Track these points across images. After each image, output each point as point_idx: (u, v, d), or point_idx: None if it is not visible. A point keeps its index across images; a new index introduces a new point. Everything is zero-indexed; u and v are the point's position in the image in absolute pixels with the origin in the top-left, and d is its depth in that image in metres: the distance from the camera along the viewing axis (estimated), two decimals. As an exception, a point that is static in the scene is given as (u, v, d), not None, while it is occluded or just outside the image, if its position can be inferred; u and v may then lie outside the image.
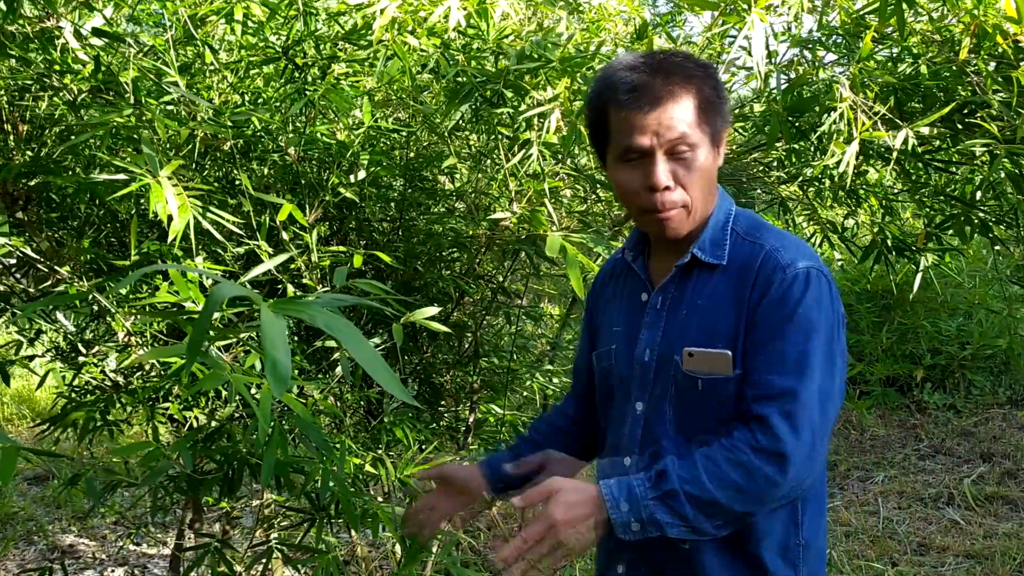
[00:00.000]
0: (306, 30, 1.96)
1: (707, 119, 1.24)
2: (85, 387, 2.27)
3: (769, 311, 1.21)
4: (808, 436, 1.15)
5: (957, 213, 2.19)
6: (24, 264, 2.34)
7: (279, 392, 0.80)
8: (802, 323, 1.19)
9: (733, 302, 1.25)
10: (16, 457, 1.36)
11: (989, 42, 1.79)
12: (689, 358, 1.25)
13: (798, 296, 1.20)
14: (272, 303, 0.91)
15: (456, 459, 2.36)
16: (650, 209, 1.25)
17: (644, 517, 1.14)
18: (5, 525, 4.01)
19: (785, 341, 1.19)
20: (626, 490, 1.15)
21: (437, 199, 2.65)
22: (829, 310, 1.22)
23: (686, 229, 1.28)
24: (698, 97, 1.23)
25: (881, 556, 3.67)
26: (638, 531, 1.14)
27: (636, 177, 1.25)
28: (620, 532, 1.14)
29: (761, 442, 1.15)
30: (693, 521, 1.14)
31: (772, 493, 1.16)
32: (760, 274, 1.23)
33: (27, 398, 5.85)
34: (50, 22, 1.93)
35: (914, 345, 5.72)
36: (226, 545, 2.12)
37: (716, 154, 1.28)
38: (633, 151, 1.23)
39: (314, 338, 2.30)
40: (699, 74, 1.24)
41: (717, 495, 1.14)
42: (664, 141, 1.21)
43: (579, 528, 1.14)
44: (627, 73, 1.23)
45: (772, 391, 1.17)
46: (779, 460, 1.14)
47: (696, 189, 1.25)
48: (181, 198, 1.68)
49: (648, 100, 1.21)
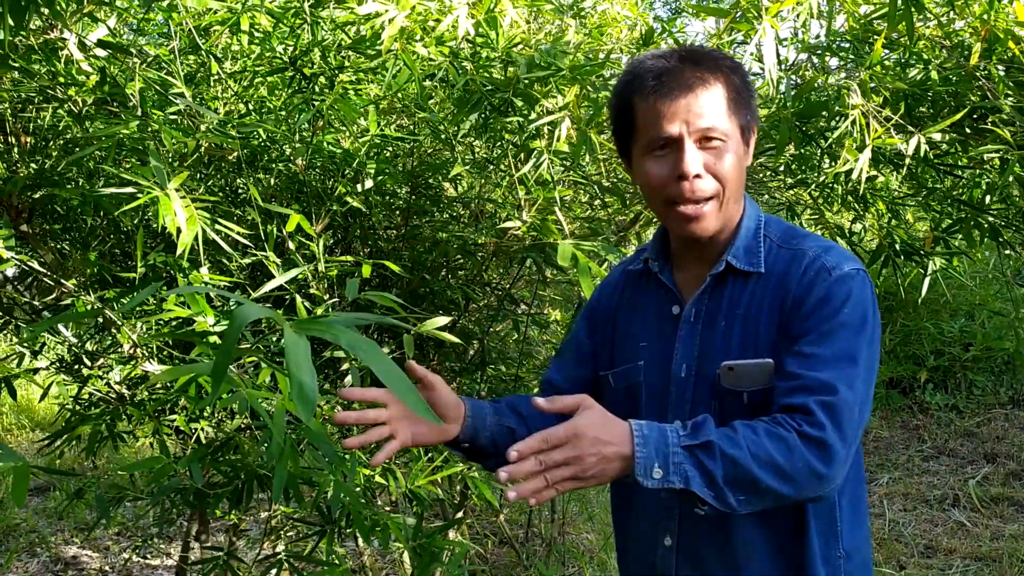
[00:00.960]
0: (313, 40, 1.95)
1: (736, 111, 1.20)
2: (90, 399, 2.25)
3: (814, 308, 1.17)
4: (848, 431, 1.11)
5: (965, 217, 2.18)
6: (28, 276, 2.32)
7: (307, 416, 0.79)
8: (847, 322, 1.16)
9: (775, 310, 1.21)
10: (28, 475, 1.34)
11: (1000, 47, 1.78)
12: (729, 372, 1.20)
13: (844, 296, 1.17)
14: (295, 324, 0.90)
15: (464, 468, 2.35)
16: (678, 200, 1.20)
17: (671, 463, 1.05)
18: (7, 537, 3.99)
19: (830, 338, 1.15)
20: (656, 431, 1.07)
21: (442, 207, 2.63)
22: (871, 314, 1.19)
23: (714, 226, 1.23)
24: (728, 87, 1.20)
25: (888, 559, 3.66)
26: (659, 478, 1.05)
27: (664, 167, 1.20)
28: (639, 473, 1.05)
29: (805, 429, 1.09)
30: (720, 482, 1.06)
31: (811, 482, 1.09)
32: (803, 277, 1.20)
33: (27, 408, 5.82)
34: (54, 33, 1.92)
35: (917, 346, 5.72)
36: (233, 557, 2.10)
37: (746, 150, 1.24)
38: (661, 139, 1.19)
39: (322, 349, 2.29)
40: (728, 64, 1.21)
41: (752, 464, 1.06)
42: (694, 128, 1.17)
43: (602, 450, 1.03)
44: (654, 62, 1.20)
45: (815, 384, 1.12)
46: (823, 449, 1.08)
47: (728, 180, 1.20)
48: (189, 210, 1.67)
49: (677, 86, 1.17)
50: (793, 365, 1.15)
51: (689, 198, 1.19)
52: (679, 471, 1.05)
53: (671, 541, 1.28)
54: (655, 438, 1.06)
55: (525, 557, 3.58)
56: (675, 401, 1.28)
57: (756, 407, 1.18)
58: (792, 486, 1.08)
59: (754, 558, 1.23)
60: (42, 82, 1.91)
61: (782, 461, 1.07)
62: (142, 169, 1.67)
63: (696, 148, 1.18)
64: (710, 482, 1.06)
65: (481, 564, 3.58)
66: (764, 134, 2.21)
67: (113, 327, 2.04)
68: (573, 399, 1.09)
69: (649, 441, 1.06)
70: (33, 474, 1.36)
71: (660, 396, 1.29)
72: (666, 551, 1.29)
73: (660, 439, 1.06)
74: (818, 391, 1.11)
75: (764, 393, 1.19)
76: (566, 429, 1.03)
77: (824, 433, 1.08)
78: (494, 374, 2.72)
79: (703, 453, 1.06)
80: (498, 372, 2.74)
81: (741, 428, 1.10)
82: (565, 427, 1.04)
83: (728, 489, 1.06)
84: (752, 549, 1.23)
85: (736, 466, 1.06)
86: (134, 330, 2.00)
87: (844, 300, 1.17)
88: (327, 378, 2.30)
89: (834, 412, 1.10)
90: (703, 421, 1.10)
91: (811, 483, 1.09)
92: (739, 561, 1.24)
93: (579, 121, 1.88)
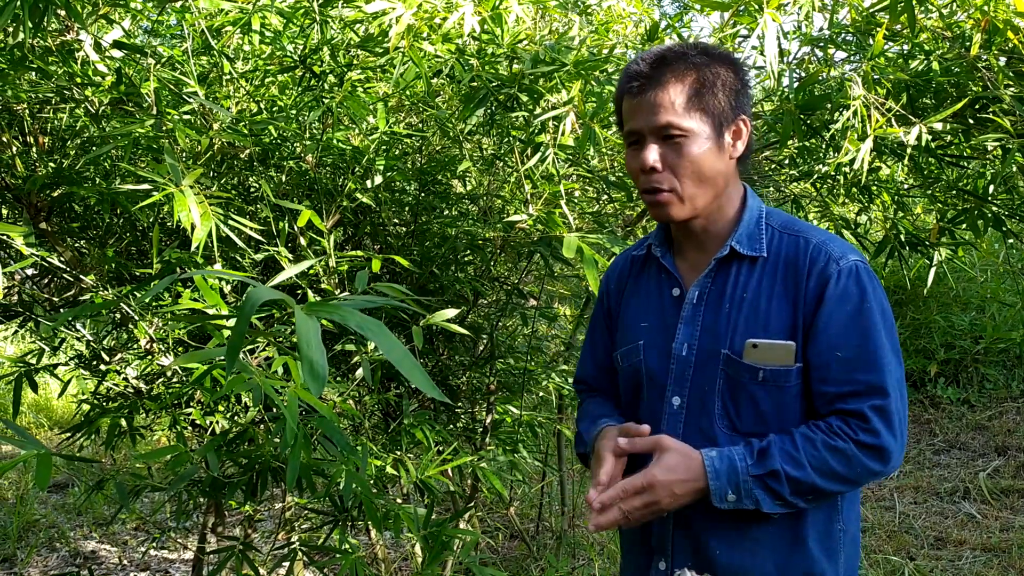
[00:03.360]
0: (322, 38, 1.99)
1: (702, 106, 1.25)
2: (108, 394, 2.30)
3: (835, 307, 1.24)
4: (899, 428, 1.22)
5: (970, 207, 2.20)
6: (46, 273, 2.38)
7: (317, 391, 0.83)
8: (871, 318, 1.24)
9: (785, 295, 1.27)
10: (51, 462, 1.39)
11: (1000, 37, 1.80)
12: (752, 349, 1.26)
13: (860, 291, 1.24)
14: (305, 306, 0.93)
15: (474, 460, 2.38)
16: (643, 190, 1.30)
17: (743, 491, 1.20)
18: (27, 532, 4.05)
19: (860, 337, 1.23)
20: (727, 462, 1.21)
21: (451, 203, 2.67)
22: (884, 303, 1.27)
23: (678, 215, 1.30)
24: (694, 84, 1.25)
25: (898, 551, 3.67)
26: (733, 502, 1.20)
27: (635, 160, 1.30)
28: (715, 501, 1.20)
29: (862, 437, 1.20)
30: (789, 498, 1.20)
31: (869, 479, 1.23)
32: (813, 267, 1.26)
33: (44, 407, 5.90)
34: (70, 35, 1.97)
35: (927, 340, 5.71)
36: (249, 547, 2.15)
37: (721, 144, 1.28)
38: (631, 135, 1.30)
39: (333, 342, 2.33)
40: (699, 62, 1.26)
41: (815, 477, 1.19)
42: (652, 125, 1.26)
43: (674, 490, 1.20)
44: (634, 64, 1.30)
45: (860, 387, 1.22)
46: (880, 454, 1.21)
47: (686, 175, 1.27)
48: (203, 206, 1.71)
49: (639, 86, 1.27)
50: (838, 369, 1.23)
51: (647, 189, 1.29)
52: (750, 496, 1.20)
53: (668, 512, 1.31)
54: (726, 470, 1.21)
55: (535, 550, 3.62)
56: (675, 379, 1.33)
57: (769, 384, 1.26)
58: (853, 486, 1.25)
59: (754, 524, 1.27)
60: (59, 83, 1.96)
61: (843, 471, 1.21)
62: (158, 167, 1.71)
63: (656, 144, 1.27)
64: (778, 499, 1.21)
65: (492, 556, 3.62)
66: (768, 127, 2.23)
67: (130, 323, 2.09)
68: (647, 443, 1.24)
69: (721, 474, 1.21)
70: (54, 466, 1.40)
71: (659, 374, 1.35)
72: (662, 520, 1.33)
73: (731, 471, 1.21)
74: (868, 394, 1.22)
75: (780, 373, 1.25)
76: (644, 480, 1.20)
77: (880, 440, 1.21)
78: (503, 367, 2.75)
79: (771, 480, 1.20)
80: (507, 366, 2.77)
81: (801, 443, 1.21)
82: (643, 479, 1.20)
83: (794, 499, 1.21)
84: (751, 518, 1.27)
85: (801, 484, 1.20)
86: (151, 325, 2.05)
87: (863, 296, 1.24)
88: (339, 371, 2.34)
89: (887, 415, 1.21)
90: (767, 447, 1.21)
91: (869, 479, 1.24)
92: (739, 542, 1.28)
93: (583, 116, 1.91)
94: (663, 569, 1.33)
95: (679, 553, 1.31)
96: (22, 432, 1.34)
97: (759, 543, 1.27)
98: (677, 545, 1.32)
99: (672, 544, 1.32)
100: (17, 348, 5.56)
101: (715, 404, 1.29)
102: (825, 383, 1.24)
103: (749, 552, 1.27)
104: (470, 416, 2.82)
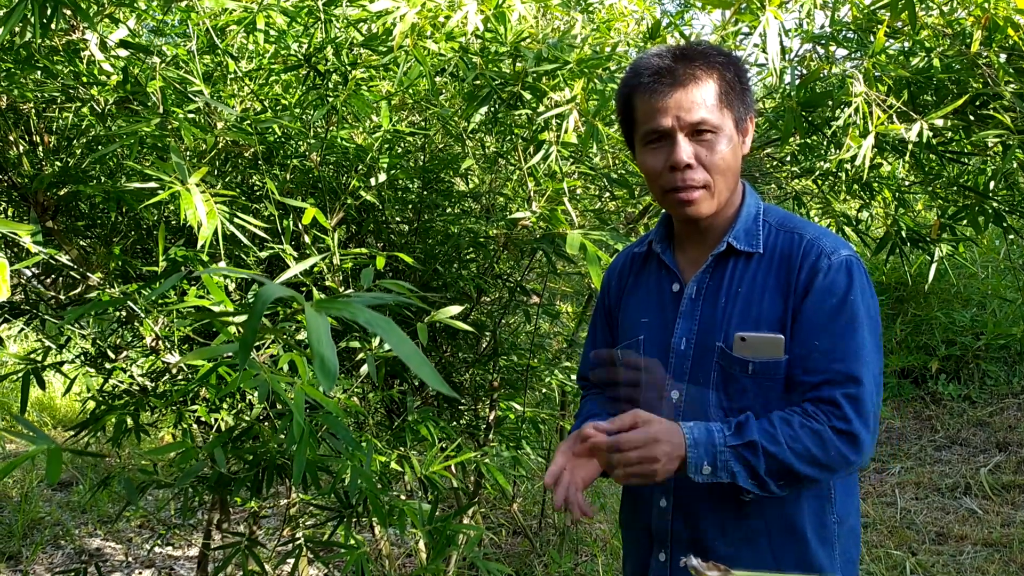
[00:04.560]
0: (327, 37, 2.00)
1: (729, 104, 1.29)
2: (113, 392, 2.32)
3: (821, 298, 1.25)
4: (872, 420, 1.22)
5: (970, 204, 2.21)
6: (53, 272, 2.39)
7: (328, 386, 0.83)
8: (853, 311, 1.24)
9: (777, 289, 1.29)
10: (61, 457, 1.40)
11: (1000, 34, 1.81)
12: (741, 343, 1.28)
13: (846, 284, 1.25)
14: (315, 303, 0.95)
15: (478, 456, 2.40)
16: (672, 188, 1.30)
17: (719, 462, 1.18)
18: (33, 530, 4.07)
19: (840, 329, 1.24)
20: (705, 433, 1.20)
21: (454, 200, 2.68)
22: (871, 298, 1.28)
23: (707, 211, 1.31)
24: (720, 82, 1.28)
25: (900, 546, 3.69)
26: (708, 475, 1.19)
27: (659, 158, 1.30)
28: (691, 472, 1.19)
29: (835, 423, 1.20)
30: (763, 475, 1.19)
31: (842, 467, 1.22)
32: (804, 261, 1.28)
33: (48, 406, 5.92)
34: (75, 34, 1.98)
35: (928, 336, 5.72)
36: (254, 544, 2.16)
37: (740, 141, 1.32)
38: (655, 133, 1.29)
39: (337, 339, 2.34)
40: (720, 60, 1.29)
41: (791, 457, 1.19)
42: (685, 123, 1.26)
43: (669, 452, 1.18)
44: (651, 59, 1.29)
45: (837, 377, 1.22)
46: (852, 441, 1.21)
47: (718, 171, 1.29)
48: (209, 204, 1.72)
49: (669, 83, 1.26)
50: (816, 359, 1.24)
51: (681, 186, 1.29)
52: (726, 468, 1.19)
53: (666, 503, 1.35)
54: (704, 440, 1.19)
55: (539, 546, 3.63)
56: (674, 373, 1.35)
57: (759, 376, 1.27)
58: (826, 472, 1.23)
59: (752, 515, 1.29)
60: (65, 82, 1.97)
61: (818, 453, 1.20)
62: (163, 165, 1.73)
63: (687, 140, 1.28)
64: (753, 475, 1.19)
65: (496, 552, 3.64)
66: (770, 124, 2.24)
67: (136, 320, 2.10)
68: (626, 418, 1.21)
69: (699, 443, 1.19)
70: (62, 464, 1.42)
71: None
72: (661, 511, 1.35)
73: (708, 441, 1.19)
74: (843, 383, 1.22)
75: (770, 366, 1.27)
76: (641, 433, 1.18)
77: (851, 426, 1.21)
78: (506, 364, 2.76)
79: (747, 451, 1.19)
80: (510, 363, 2.79)
81: (779, 423, 1.21)
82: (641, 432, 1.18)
83: (769, 479, 1.20)
84: (748, 509, 1.29)
85: (777, 460, 1.19)
86: (156, 322, 2.07)
87: (848, 289, 1.25)
88: (343, 368, 2.36)
89: (859, 404, 1.21)
90: (746, 420, 1.21)
91: (842, 467, 1.23)
92: (736, 532, 1.29)
93: (586, 113, 1.92)
94: (663, 560, 1.35)
95: (678, 544, 1.33)
96: (32, 427, 1.35)
97: (757, 533, 1.28)
98: (676, 536, 1.33)
99: (671, 535, 1.34)
100: (21, 347, 5.58)
101: (710, 397, 1.31)
102: (804, 372, 1.25)
103: (747, 542, 1.29)
104: (473, 413, 2.83)
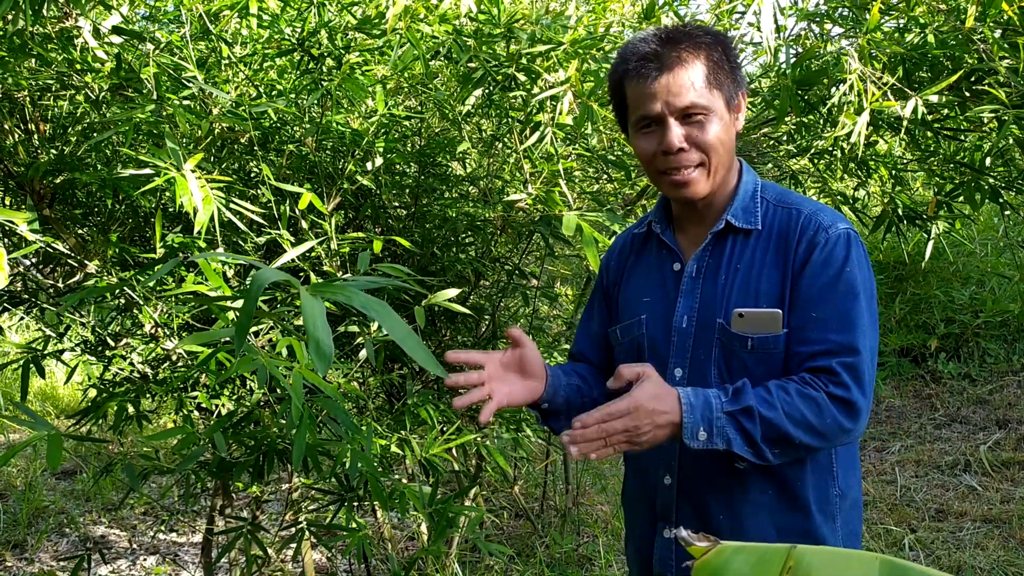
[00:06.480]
0: (320, 21, 2.00)
1: (718, 84, 1.29)
2: (114, 379, 2.33)
3: (818, 270, 1.26)
4: (868, 388, 1.23)
5: (967, 180, 2.21)
6: (51, 261, 2.39)
7: (323, 369, 0.84)
8: (850, 283, 1.25)
9: (776, 264, 1.30)
10: (61, 443, 1.41)
11: (995, 9, 1.80)
12: (739, 319, 1.28)
13: (843, 257, 1.26)
14: (311, 287, 0.95)
15: (478, 438, 2.41)
16: (667, 170, 1.31)
17: (715, 428, 1.18)
18: (37, 518, 4.10)
19: (837, 300, 1.25)
20: (702, 399, 1.20)
21: (450, 184, 2.68)
22: (867, 271, 1.29)
23: (703, 191, 1.32)
24: (707, 62, 1.28)
25: (900, 523, 3.71)
26: (704, 440, 1.18)
27: (652, 142, 1.31)
28: (687, 437, 1.18)
29: (832, 390, 1.21)
30: (760, 443, 1.18)
31: (838, 435, 1.22)
32: (802, 235, 1.29)
33: (51, 395, 5.94)
34: (68, 22, 1.97)
35: (927, 315, 5.73)
36: (257, 528, 2.18)
37: (733, 119, 1.33)
38: (646, 118, 1.30)
39: (336, 324, 2.35)
40: (707, 40, 1.29)
41: (787, 424, 1.18)
42: (674, 107, 1.27)
43: (655, 419, 1.17)
44: (638, 45, 1.30)
45: (833, 346, 1.23)
46: (849, 408, 1.21)
47: (712, 150, 1.29)
48: (205, 190, 1.72)
49: (656, 68, 1.27)
50: (812, 329, 1.25)
51: (675, 168, 1.30)
52: (722, 434, 1.19)
53: (671, 479, 1.35)
54: (700, 405, 1.19)
55: (540, 528, 3.65)
56: (676, 350, 1.35)
57: (759, 351, 1.28)
58: (822, 440, 1.22)
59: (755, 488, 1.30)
60: (59, 69, 1.96)
61: (814, 420, 1.20)
62: (159, 152, 1.73)
63: (678, 124, 1.28)
64: (750, 442, 1.19)
65: (497, 534, 3.66)
66: (766, 103, 2.24)
67: (135, 308, 2.11)
68: (634, 371, 1.21)
69: (695, 408, 1.19)
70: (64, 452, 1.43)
71: (661, 347, 1.37)
72: (665, 488, 1.36)
73: (705, 406, 1.19)
74: (840, 353, 1.23)
75: (769, 340, 1.28)
76: (627, 403, 1.16)
77: (849, 393, 1.21)
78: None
79: (744, 417, 1.19)
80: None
81: (775, 390, 1.21)
82: (626, 402, 1.17)
83: (765, 446, 1.19)
84: (751, 483, 1.29)
85: (773, 426, 1.19)
86: (155, 309, 2.07)
87: (845, 261, 1.26)
88: (342, 352, 2.36)
89: (856, 372, 1.22)
90: (743, 387, 1.21)
91: (838, 436, 1.23)
92: (740, 506, 1.30)
93: (581, 95, 1.92)
94: (668, 537, 1.36)
95: (683, 519, 1.34)
96: (33, 415, 1.36)
97: (760, 506, 1.29)
98: (681, 512, 1.34)
99: (676, 511, 1.35)
100: (21, 337, 5.59)
101: (712, 374, 1.31)
102: (801, 343, 1.26)
103: (751, 515, 1.29)
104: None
